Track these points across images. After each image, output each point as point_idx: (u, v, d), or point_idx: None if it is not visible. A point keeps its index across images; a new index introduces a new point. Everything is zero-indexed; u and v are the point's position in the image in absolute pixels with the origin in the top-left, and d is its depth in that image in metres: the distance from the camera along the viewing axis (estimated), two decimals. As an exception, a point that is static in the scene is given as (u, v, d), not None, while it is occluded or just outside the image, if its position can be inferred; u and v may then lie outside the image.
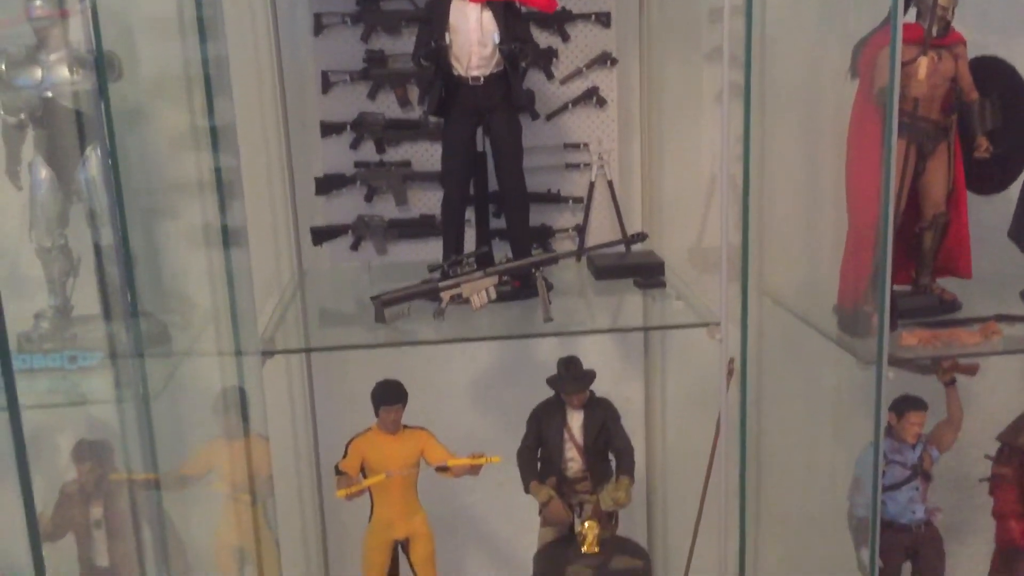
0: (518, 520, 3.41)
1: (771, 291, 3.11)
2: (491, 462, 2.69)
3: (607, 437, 2.85)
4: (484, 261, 2.53)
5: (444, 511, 3.35)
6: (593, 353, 3.18)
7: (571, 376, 2.81)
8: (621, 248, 2.98)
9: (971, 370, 2.78)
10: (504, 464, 2.92)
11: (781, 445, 3.11)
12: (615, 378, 3.33)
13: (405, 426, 2.80)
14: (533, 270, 2.50)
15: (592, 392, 2.86)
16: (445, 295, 2.46)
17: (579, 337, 3.24)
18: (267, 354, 2.33)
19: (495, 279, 2.46)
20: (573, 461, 2.86)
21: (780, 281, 3.09)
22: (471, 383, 3.34)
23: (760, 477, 3.24)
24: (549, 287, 2.66)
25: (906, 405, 2.80)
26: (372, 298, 2.45)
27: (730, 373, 2.39)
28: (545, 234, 3.08)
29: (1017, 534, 2.86)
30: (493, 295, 2.46)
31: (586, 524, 2.73)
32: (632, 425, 3.23)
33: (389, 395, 2.72)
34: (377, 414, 2.75)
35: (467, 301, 2.48)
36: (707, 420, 2.80)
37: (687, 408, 3.17)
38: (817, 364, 2.90)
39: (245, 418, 2.66)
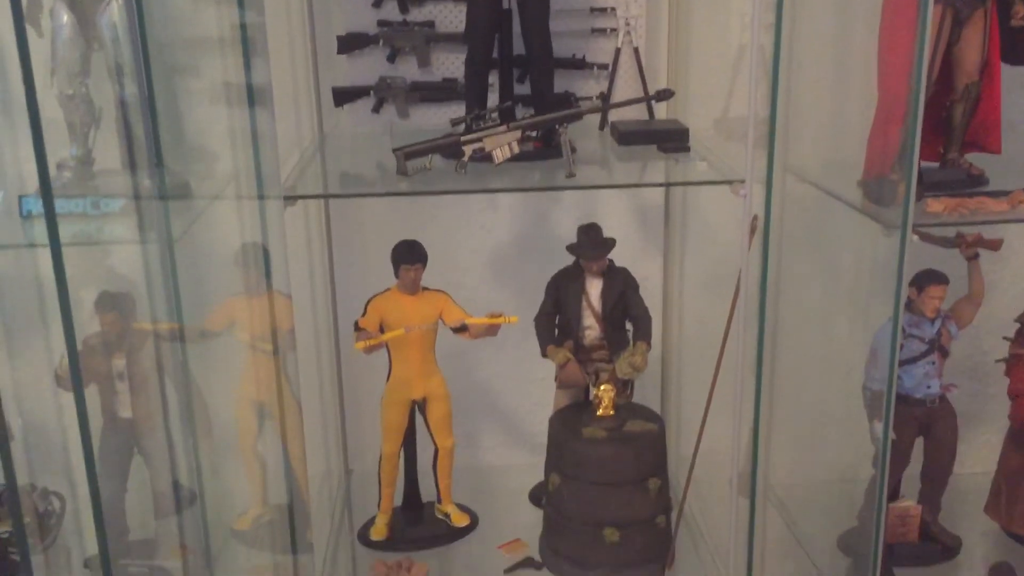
0: (534, 396, 3.46)
1: (795, 168, 3.08)
2: (509, 322, 2.71)
3: (625, 305, 2.86)
4: (507, 116, 2.51)
5: (461, 385, 3.39)
6: (613, 228, 3.17)
7: (591, 242, 2.81)
8: (646, 116, 2.97)
9: (995, 245, 2.76)
10: (522, 339, 2.95)
11: (800, 318, 3.11)
12: (634, 255, 3.32)
13: (424, 288, 2.82)
14: (557, 127, 2.48)
15: (611, 260, 2.86)
16: (467, 148, 2.44)
17: (600, 210, 3.23)
18: (289, 199, 2.32)
19: (518, 134, 2.44)
20: (591, 329, 2.88)
21: (805, 158, 3.05)
22: (490, 253, 3.34)
23: (776, 350, 3.25)
24: (572, 149, 2.65)
25: (927, 279, 2.79)
26: (394, 149, 2.44)
27: (753, 230, 2.38)
28: (569, 100, 3.04)
29: (1031, 412, 2.88)
30: (516, 149, 2.44)
31: (602, 387, 2.75)
32: (650, 302, 3.24)
33: (409, 254, 2.74)
34: (397, 274, 2.77)
35: (489, 156, 2.46)
36: (725, 293, 2.80)
37: (705, 283, 3.17)
38: (840, 236, 2.89)
39: (267, 274, 2.68)
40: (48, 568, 2.80)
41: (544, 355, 2.85)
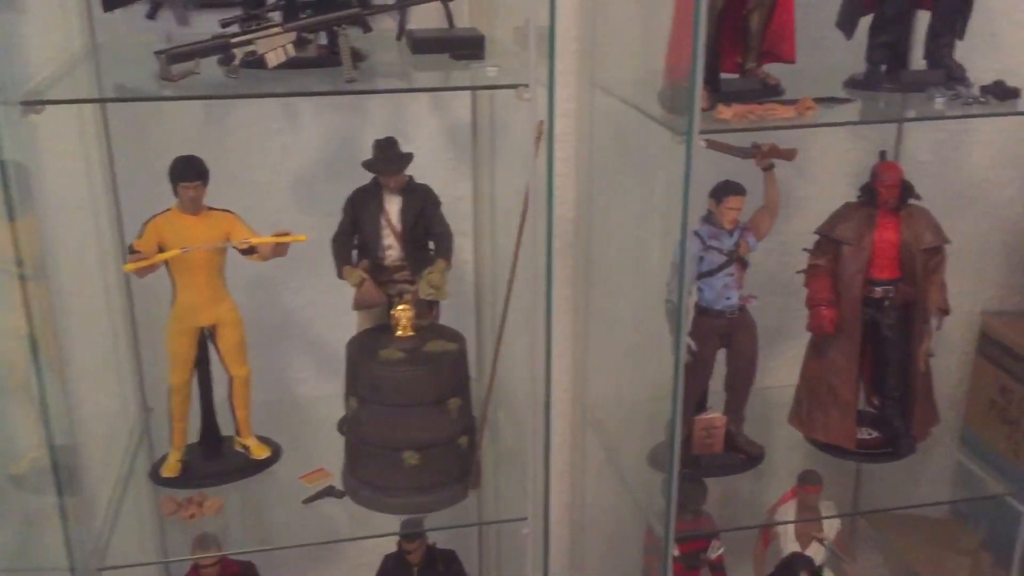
0: (345, 325, 3.31)
1: (604, 83, 3.04)
2: (297, 240, 2.57)
3: (426, 223, 2.76)
4: (289, 16, 2.34)
5: (267, 314, 3.24)
6: (423, 148, 3.05)
7: (387, 157, 2.69)
8: (444, 25, 2.84)
9: (789, 155, 2.78)
10: (331, 267, 2.81)
11: (612, 236, 3.10)
12: (445, 176, 3.21)
13: (210, 208, 2.64)
14: (336, 29, 2.32)
15: (411, 177, 2.75)
16: (238, 52, 2.26)
17: (408, 128, 3.11)
18: (27, 105, 2.10)
19: (292, 36, 2.27)
20: (391, 249, 2.77)
21: (615, 72, 3.01)
22: (291, 174, 3.16)
23: (591, 270, 3.23)
24: (360, 58, 2.51)
25: (725, 190, 2.80)
26: (156, 52, 2.24)
27: (539, 136, 2.30)
28: (364, 7, 2.87)
29: (827, 320, 2.94)
30: (291, 52, 2.27)
31: (399, 308, 2.66)
32: (463, 222, 3.17)
33: (187, 170, 2.55)
34: (176, 192, 2.59)
35: (263, 61, 2.29)
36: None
37: (514, 200, 3.09)
38: (646, 150, 2.88)
39: (7, 195, 2.43)
40: None
41: (340, 276, 2.73)
